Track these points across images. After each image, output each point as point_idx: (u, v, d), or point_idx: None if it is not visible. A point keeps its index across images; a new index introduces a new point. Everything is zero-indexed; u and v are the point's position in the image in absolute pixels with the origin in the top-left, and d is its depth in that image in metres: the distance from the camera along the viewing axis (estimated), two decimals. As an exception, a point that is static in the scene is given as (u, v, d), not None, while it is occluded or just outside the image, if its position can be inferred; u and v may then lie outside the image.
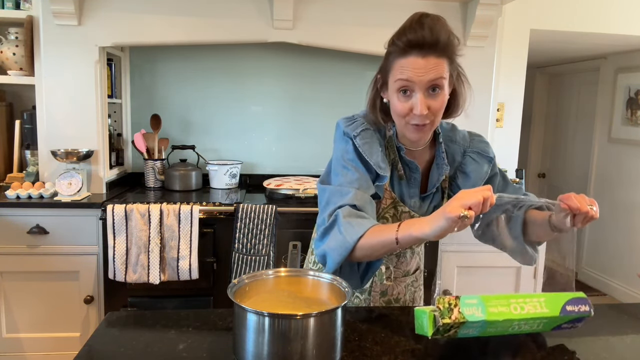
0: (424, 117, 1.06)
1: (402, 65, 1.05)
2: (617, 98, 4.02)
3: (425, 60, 1.03)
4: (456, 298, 0.95)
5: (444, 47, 1.04)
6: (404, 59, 1.05)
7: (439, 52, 1.04)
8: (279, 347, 0.83)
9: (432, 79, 1.04)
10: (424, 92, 1.05)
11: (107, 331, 1.03)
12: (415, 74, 1.04)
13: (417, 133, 1.11)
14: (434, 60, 1.04)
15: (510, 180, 1.30)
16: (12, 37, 2.54)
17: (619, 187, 4.03)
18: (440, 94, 1.07)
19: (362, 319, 1.12)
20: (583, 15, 3.08)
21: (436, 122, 1.11)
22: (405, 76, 1.05)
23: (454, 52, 1.08)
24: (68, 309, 2.36)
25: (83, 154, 2.44)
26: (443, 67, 1.05)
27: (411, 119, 1.08)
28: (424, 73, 1.03)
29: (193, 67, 2.99)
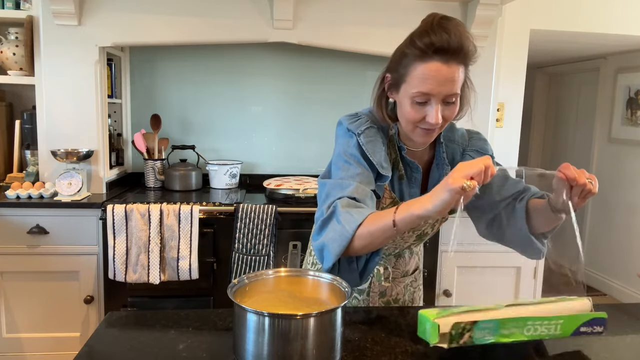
0: (438, 124, 1.06)
1: (424, 73, 1.01)
2: (617, 98, 4.02)
3: (448, 68, 1.00)
4: (473, 324, 0.89)
5: (466, 54, 1.02)
6: (425, 65, 1.01)
7: (460, 59, 1.01)
8: (279, 347, 0.83)
9: (449, 93, 1.03)
10: (441, 102, 1.04)
11: (107, 331, 1.03)
12: (437, 86, 1.01)
13: (425, 137, 1.10)
14: (455, 68, 1.01)
15: (510, 176, 1.27)
16: (12, 37, 2.54)
17: (618, 187, 4.03)
18: (455, 102, 1.06)
19: (362, 319, 1.12)
20: (583, 15, 3.08)
21: (444, 127, 1.11)
22: (426, 89, 1.01)
23: (472, 60, 1.06)
24: (68, 309, 2.36)
25: (83, 154, 2.44)
26: (461, 76, 1.04)
27: (422, 124, 1.07)
28: (445, 83, 1.01)
29: (193, 67, 2.99)
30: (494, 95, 2.74)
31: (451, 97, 1.04)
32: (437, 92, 1.02)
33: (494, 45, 2.69)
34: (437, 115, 1.03)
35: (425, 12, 1.15)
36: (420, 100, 1.03)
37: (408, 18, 2.56)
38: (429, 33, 1.00)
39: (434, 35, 0.99)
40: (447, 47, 0.98)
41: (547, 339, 1.00)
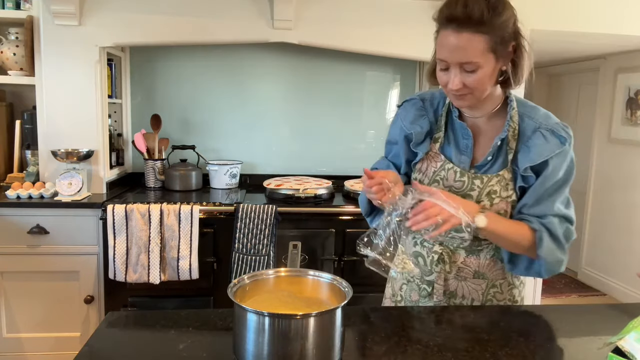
0: (459, 90, 1.09)
1: (440, 41, 1.08)
2: (617, 98, 4.02)
3: (458, 37, 1.03)
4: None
5: (479, 22, 1.02)
6: (442, 33, 1.07)
7: (474, 28, 1.02)
8: (279, 347, 0.84)
9: (462, 61, 1.05)
10: (459, 69, 1.07)
11: (107, 331, 1.03)
12: (449, 53, 1.06)
13: (457, 101, 1.14)
14: (467, 36, 1.03)
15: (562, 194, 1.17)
16: (13, 37, 2.54)
17: (618, 187, 4.03)
18: (476, 74, 1.06)
19: (362, 319, 1.12)
20: (583, 15, 3.08)
21: (479, 93, 1.10)
22: (441, 55, 1.08)
23: (498, 28, 1.04)
24: (68, 309, 2.36)
25: (83, 154, 2.44)
26: (478, 45, 1.03)
27: (449, 91, 1.12)
28: (456, 51, 1.04)
29: (193, 67, 2.99)
30: (494, 95, 2.73)
31: (468, 64, 1.05)
32: (449, 59, 1.07)
33: (494, 45, 2.69)
34: (454, 82, 1.07)
35: (425, 12, 1.17)
36: (441, 66, 1.10)
37: (408, 18, 2.56)
38: (445, 4, 1.06)
39: (446, 5, 1.06)
40: (454, 17, 1.03)
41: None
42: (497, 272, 1.24)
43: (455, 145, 1.22)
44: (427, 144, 1.24)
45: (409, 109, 1.27)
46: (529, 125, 1.17)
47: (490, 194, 1.16)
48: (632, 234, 3.87)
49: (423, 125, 1.23)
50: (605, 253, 4.18)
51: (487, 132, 1.20)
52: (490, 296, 1.26)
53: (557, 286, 4.32)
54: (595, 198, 4.31)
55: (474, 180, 1.18)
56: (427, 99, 1.28)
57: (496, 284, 1.25)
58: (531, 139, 1.15)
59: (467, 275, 1.24)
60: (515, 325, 1.16)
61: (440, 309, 1.23)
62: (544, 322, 1.15)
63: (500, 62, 1.09)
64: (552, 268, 1.16)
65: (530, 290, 2.70)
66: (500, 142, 1.17)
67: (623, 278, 3.98)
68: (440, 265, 1.23)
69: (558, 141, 1.13)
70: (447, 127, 1.24)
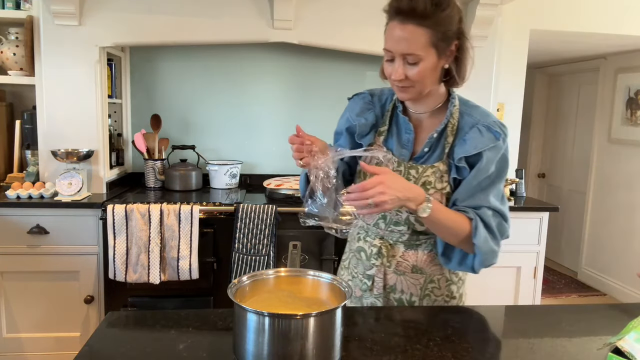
0: (402, 82, 1.13)
1: (387, 32, 1.13)
2: (617, 98, 4.02)
3: (402, 28, 1.08)
4: None
5: (423, 15, 1.06)
6: (389, 24, 1.12)
7: (419, 20, 1.07)
8: (279, 347, 0.84)
9: (404, 52, 1.09)
10: (402, 61, 1.11)
11: (107, 331, 1.03)
12: (394, 44, 1.10)
13: (400, 93, 1.18)
14: (411, 29, 1.07)
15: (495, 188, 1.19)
16: (13, 37, 2.54)
17: (618, 187, 4.03)
18: (418, 66, 1.10)
19: (362, 319, 1.12)
20: (583, 15, 3.08)
21: (420, 87, 1.14)
22: (387, 46, 1.13)
23: (442, 23, 1.09)
24: (68, 309, 2.36)
25: (83, 154, 2.44)
26: (420, 38, 1.08)
27: (393, 81, 1.16)
28: (400, 41, 1.09)
29: (193, 67, 2.99)
30: (493, 95, 2.74)
31: (410, 56, 1.09)
32: (394, 49, 1.11)
33: (494, 45, 2.69)
34: (396, 72, 1.12)
35: None
36: (387, 57, 1.14)
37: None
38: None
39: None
40: (400, 9, 1.08)
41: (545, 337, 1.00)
42: (435, 268, 1.27)
43: (398, 139, 1.26)
44: (372, 136, 1.28)
45: (357, 102, 1.32)
46: (468, 122, 1.21)
47: (425, 185, 1.20)
48: (632, 234, 3.87)
49: (369, 117, 1.28)
50: (605, 253, 4.18)
51: (428, 128, 1.24)
52: (429, 291, 1.28)
53: (557, 286, 4.33)
54: (595, 198, 4.31)
55: (409, 170, 1.22)
56: (376, 94, 1.33)
57: (434, 280, 1.27)
58: (468, 134, 1.20)
59: (406, 269, 1.26)
60: (515, 325, 1.16)
61: (441, 308, 1.23)
62: (544, 322, 1.15)
63: (442, 59, 1.13)
64: (486, 258, 1.17)
65: (530, 290, 2.70)
66: (439, 136, 1.22)
67: (623, 278, 3.98)
68: (380, 259, 1.26)
69: (493, 136, 1.18)
70: (392, 121, 1.29)
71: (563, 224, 4.83)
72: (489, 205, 1.18)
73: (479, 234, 1.14)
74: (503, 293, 2.69)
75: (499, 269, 2.65)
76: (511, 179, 2.78)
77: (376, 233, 1.28)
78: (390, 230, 1.25)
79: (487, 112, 1.25)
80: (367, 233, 1.30)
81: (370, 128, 1.28)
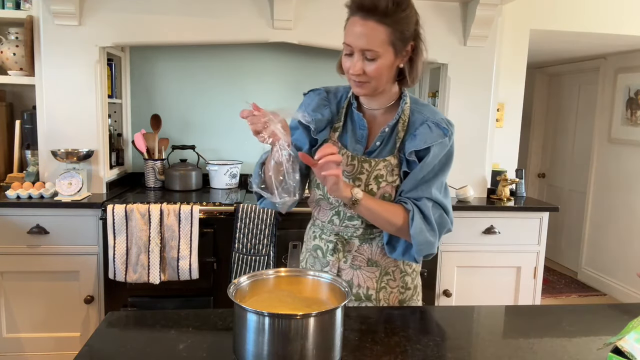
0: (359, 76, 1.16)
1: (348, 27, 1.16)
2: (617, 98, 4.02)
3: (364, 24, 1.11)
4: None
5: (384, 13, 1.10)
6: (351, 19, 1.15)
7: (379, 18, 1.11)
8: (279, 347, 0.83)
9: (363, 47, 1.13)
10: (361, 56, 1.15)
11: (107, 331, 1.03)
12: (354, 39, 1.13)
13: (357, 88, 1.22)
14: (372, 25, 1.11)
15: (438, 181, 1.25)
16: (13, 37, 2.54)
17: (618, 187, 4.03)
18: (376, 62, 1.14)
19: (362, 319, 1.12)
20: (583, 15, 3.08)
21: (376, 83, 1.18)
22: (347, 40, 1.16)
23: (401, 22, 1.13)
24: (68, 309, 2.36)
25: (83, 154, 2.44)
26: (381, 36, 1.11)
27: (350, 76, 1.19)
28: (360, 37, 1.12)
29: (193, 67, 2.99)
30: (493, 95, 2.74)
31: (369, 52, 1.13)
32: (354, 44, 1.14)
33: (494, 45, 2.69)
34: (355, 66, 1.15)
35: (425, 12, 1.17)
36: (346, 51, 1.18)
37: (408, 18, 2.56)
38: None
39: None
40: (362, 5, 1.11)
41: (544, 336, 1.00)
42: (389, 260, 1.31)
43: (352, 135, 1.30)
44: (327, 132, 1.31)
45: (313, 98, 1.35)
46: (418, 118, 1.27)
47: (378, 178, 1.25)
48: (632, 234, 3.87)
49: (324, 113, 1.31)
50: (605, 253, 4.18)
51: (381, 124, 1.28)
52: (384, 284, 1.31)
53: (557, 286, 4.33)
54: (595, 198, 4.31)
55: (363, 164, 1.25)
56: (331, 91, 1.36)
57: (389, 272, 1.31)
58: (418, 129, 1.25)
59: (361, 263, 1.30)
60: (515, 325, 1.16)
61: (441, 308, 1.23)
62: (544, 322, 1.15)
63: (398, 58, 1.18)
64: (422, 248, 1.21)
65: (530, 290, 2.70)
66: (390, 130, 1.26)
67: (623, 278, 3.98)
68: (336, 254, 1.30)
69: (441, 132, 1.23)
70: (347, 118, 1.33)
71: (563, 224, 4.83)
72: (430, 197, 1.23)
73: (415, 225, 1.19)
74: (503, 293, 2.70)
75: (499, 269, 2.66)
76: (511, 179, 2.78)
77: (331, 230, 1.32)
78: (345, 225, 1.29)
79: (436, 110, 1.31)
80: (323, 231, 1.34)
81: (326, 124, 1.31)
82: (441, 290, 2.62)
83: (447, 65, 2.67)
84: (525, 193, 2.94)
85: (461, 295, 2.64)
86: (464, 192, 2.63)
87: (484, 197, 2.81)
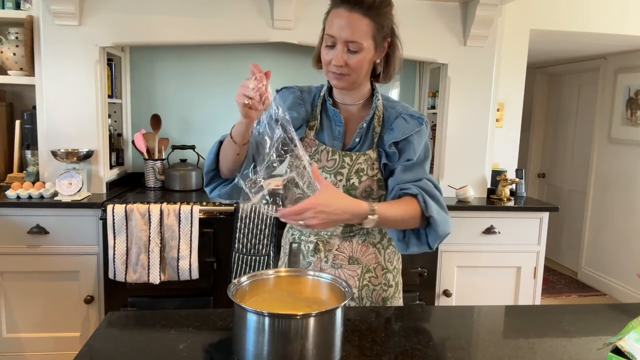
0: (341, 68, 1.17)
1: (331, 19, 1.17)
2: (617, 98, 4.02)
3: (349, 15, 1.13)
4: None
5: (369, 6, 1.13)
6: (333, 11, 1.17)
7: (365, 11, 1.13)
8: (279, 347, 0.83)
9: (348, 39, 1.14)
10: (344, 47, 1.16)
11: (107, 331, 1.03)
12: (339, 30, 1.14)
13: (335, 80, 1.22)
14: (357, 16, 1.13)
15: (427, 165, 1.27)
16: (12, 37, 2.54)
17: (618, 187, 4.03)
18: (359, 54, 1.16)
19: (362, 319, 1.12)
20: (583, 15, 3.08)
21: (356, 76, 1.20)
22: (330, 31, 1.16)
23: (383, 17, 1.16)
24: (68, 309, 2.36)
25: (83, 154, 2.44)
26: (365, 28, 1.14)
27: (331, 67, 1.20)
28: (345, 28, 1.14)
29: (193, 67, 2.99)
30: (493, 95, 2.74)
31: (352, 44, 1.15)
32: (338, 35, 1.15)
33: (494, 45, 2.69)
34: (338, 57, 1.16)
35: (425, 12, 1.18)
36: (328, 43, 1.18)
37: (408, 18, 2.56)
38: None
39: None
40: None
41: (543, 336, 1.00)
42: (370, 257, 1.31)
43: (329, 132, 1.31)
44: (303, 131, 1.31)
45: (287, 96, 1.35)
46: (392, 114, 1.29)
47: (359, 172, 1.26)
48: (632, 234, 3.87)
49: (300, 112, 1.31)
50: (605, 253, 4.18)
51: (357, 120, 1.30)
52: (366, 281, 1.30)
53: (557, 286, 4.33)
54: (595, 198, 4.31)
55: (344, 158, 1.26)
56: (305, 90, 1.37)
57: (370, 269, 1.31)
58: (394, 123, 1.28)
59: (343, 262, 1.30)
60: (515, 325, 1.16)
61: (441, 308, 1.23)
62: (544, 322, 1.15)
63: (377, 53, 1.20)
64: (442, 229, 1.19)
65: (530, 290, 2.70)
66: (367, 127, 1.28)
67: (623, 278, 3.98)
68: (317, 255, 1.29)
69: (417, 122, 1.26)
70: (322, 115, 1.33)
71: (563, 224, 4.83)
72: (428, 177, 1.25)
73: (430, 206, 1.17)
74: (503, 293, 2.70)
75: (499, 269, 2.66)
76: (511, 179, 2.78)
77: (310, 231, 1.31)
78: None
79: (407, 105, 1.34)
80: (302, 232, 1.34)
81: (302, 122, 1.31)
82: (441, 290, 2.62)
83: (447, 65, 2.66)
84: (525, 193, 2.94)
85: (461, 295, 2.64)
86: (464, 192, 2.63)
87: (484, 197, 2.81)
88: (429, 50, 2.64)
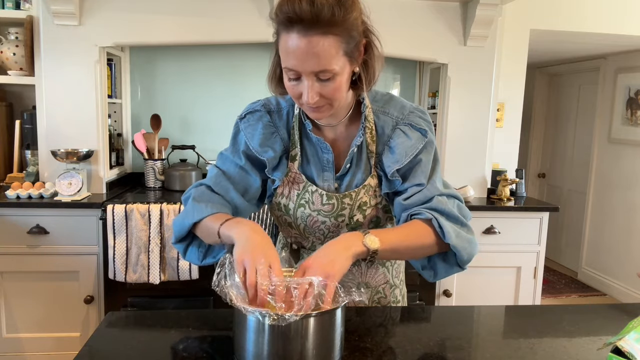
0: (316, 102, 0.94)
1: (286, 47, 0.91)
2: (617, 98, 4.02)
3: (308, 41, 0.88)
4: None
5: (330, 22, 0.87)
6: (287, 36, 0.90)
7: (325, 29, 0.87)
8: (279, 347, 0.83)
9: (315, 70, 0.90)
10: (313, 79, 0.92)
11: (107, 331, 1.03)
12: (298, 61, 0.90)
13: (314, 113, 1.00)
14: (317, 39, 0.88)
15: (437, 176, 1.08)
16: (12, 37, 2.54)
17: (618, 187, 4.03)
18: (333, 81, 0.93)
19: (362, 319, 1.12)
20: (583, 15, 3.08)
21: (337, 103, 0.98)
22: (289, 64, 0.92)
23: (348, 25, 0.90)
24: (68, 309, 2.36)
25: (83, 154, 2.44)
26: (331, 50, 0.89)
27: (303, 102, 0.96)
28: (306, 59, 0.89)
29: (193, 67, 2.99)
30: (493, 95, 2.74)
31: (323, 73, 0.91)
32: (301, 69, 0.91)
33: (494, 45, 2.69)
34: (310, 93, 0.92)
35: (425, 12, 1.14)
36: (291, 76, 0.94)
37: (408, 18, 2.56)
38: (284, 1, 0.89)
39: (286, 3, 0.88)
40: (301, 17, 0.86)
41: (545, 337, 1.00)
42: (379, 278, 1.20)
43: (315, 162, 1.10)
44: (285, 166, 1.10)
45: (255, 125, 1.10)
46: (386, 122, 1.08)
47: (362, 207, 1.09)
48: (632, 234, 3.87)
49: (276, 147, 1.09)
50: (605, 253, 4.18)
51: (346, 140, 1.10)
52: (375, 302, 1.21)
53: (557, 286, 4.32)
54: (595, 198, 4.31)
55: (342, 200, 1.09)
56: (273, 110, 1.12)
57: (379, 290, 1.20)
58: (392, 139, 1.07)
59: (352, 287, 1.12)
60: (515, 325, 1.16)
61: (441, 308, 1.23)
62: (544, 322, 1.15)
63: (353, 65, 0.97)
64: (468, 251, 1.02)
65: (531, 290, 2.70)
66: (359, 148, 1.09)
67: (623, 278, 3.98)
68: None
69: (419, 134, 1.06)
70: (302, 141, 1.11)
71: (563, 224, 4.83)
72: (440, 193, 1.05)
73: (447, 230, 0.99)
74: (503, 293, 2.70)
75: (499, 269, 2.66)
76: (511, 179, 2.78)
77: None
78: None
79: (401, 102, 1.11)
80: (303, 257, 1.17)
81: (281, 157, 1.10)
82: (441, 290, 2.62)
83: (447, 65, 2.66)
84: (525, 193, 2.94)
85: (461, 295, 2.64)
86: (464, 192, 2.63)
87: (484, 197, 2.81)
88: (429, 50, 2.64)
